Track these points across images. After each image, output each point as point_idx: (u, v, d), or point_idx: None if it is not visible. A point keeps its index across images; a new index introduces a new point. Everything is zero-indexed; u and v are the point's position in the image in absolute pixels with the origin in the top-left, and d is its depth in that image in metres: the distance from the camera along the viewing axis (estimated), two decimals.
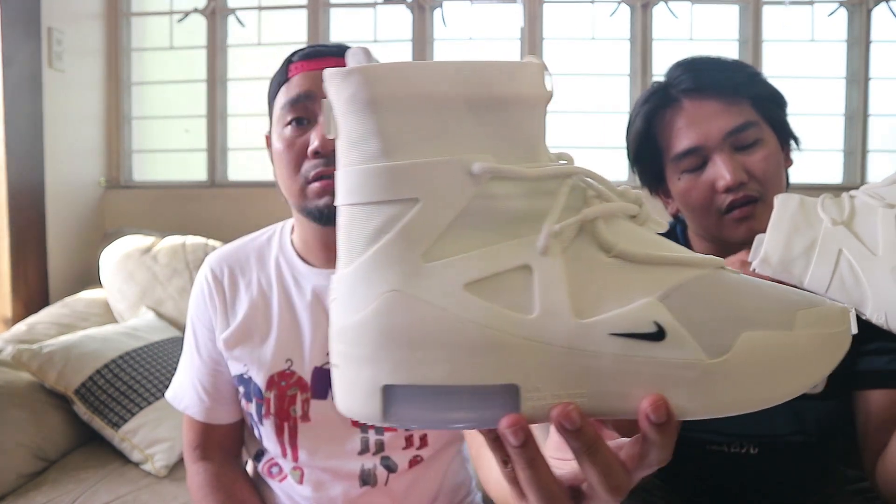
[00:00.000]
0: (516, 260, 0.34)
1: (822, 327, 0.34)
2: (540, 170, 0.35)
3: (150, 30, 2.37)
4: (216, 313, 0.87)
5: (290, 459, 0.86)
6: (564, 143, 2.24)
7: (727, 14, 2.23)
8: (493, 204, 0.34)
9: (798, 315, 0.34)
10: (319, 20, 2.25)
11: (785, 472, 0.88)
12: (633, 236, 0.36)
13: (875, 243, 0.58)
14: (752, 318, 0.34)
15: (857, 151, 2.17)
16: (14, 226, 1.83)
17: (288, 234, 0.89)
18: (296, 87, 0.78)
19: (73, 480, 1.29)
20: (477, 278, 0.33)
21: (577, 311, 0.33)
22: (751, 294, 0.35)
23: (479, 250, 0.33)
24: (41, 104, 1.94)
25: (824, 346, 0.34)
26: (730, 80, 0.81)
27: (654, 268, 0.35)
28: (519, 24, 2.20)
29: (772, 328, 0.34)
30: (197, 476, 0.89)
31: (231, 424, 0.91)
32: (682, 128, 0.81)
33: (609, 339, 0.33)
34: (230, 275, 0.87)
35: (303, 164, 0.77)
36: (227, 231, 2.06)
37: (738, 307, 0.34)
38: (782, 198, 0.63)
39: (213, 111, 2.30)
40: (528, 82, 0.35)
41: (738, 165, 0.78)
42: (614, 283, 0.34)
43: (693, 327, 0.33)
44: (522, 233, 0.34)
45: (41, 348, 1.41)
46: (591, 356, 0.33)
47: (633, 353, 0.33)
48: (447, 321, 0.33)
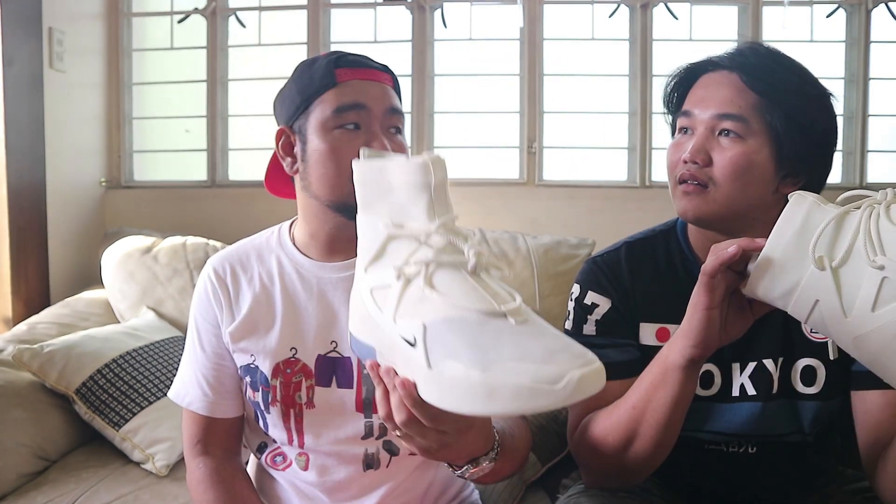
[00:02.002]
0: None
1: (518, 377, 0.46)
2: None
3: (150, 30, 2.37)
4: (221, 310, 0.91)
5: (296, 446, 0.90)
6: (564, 143, 2.25)
7: (727, 15, 2.23)
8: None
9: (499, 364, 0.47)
10: (319, 20, 2.25)
11: (783, 472, 0.88)
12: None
13: (851, 302, 0.58)
14: (457, 353, 0.49)
15: (856, 151, 2.17)
16: (15, 226, 1.83)
17: (286, 232, 0.93)
18: (351, 94, 0.82)
19: (73, 480, 1.30)
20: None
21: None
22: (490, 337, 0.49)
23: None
24: (42, 104, 1.94)
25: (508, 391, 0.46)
26: (759, 75, 0.80)
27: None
28: (519, 25, 2.20)
29: (466, 364, 0.47)
30: (197, 471, 0.91)
31: (232, 420, 0.94)
32: (695, 92, 0.86)
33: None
34: (232, 272, 0.91)
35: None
36: (228, 231, 2.06)
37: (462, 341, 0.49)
38: (790, 207, 0.63)
39: (214, 111, 2.30)
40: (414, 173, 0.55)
41: (703, 148, 0.81)
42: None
43: (433, 345, 0.50)
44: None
45: (42, 348, 1.41)
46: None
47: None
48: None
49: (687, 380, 0.74)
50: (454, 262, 0.53)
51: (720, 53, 0.86)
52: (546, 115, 2.23)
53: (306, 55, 2.24)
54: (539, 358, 0.46)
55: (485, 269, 0.54)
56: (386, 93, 0.84)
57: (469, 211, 2.18)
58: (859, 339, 0.59)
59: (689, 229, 0.91)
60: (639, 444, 0.78)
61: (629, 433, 0.78)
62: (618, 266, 0.90)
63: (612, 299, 0.88)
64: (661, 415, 0.75)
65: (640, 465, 0.80)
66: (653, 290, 0.88)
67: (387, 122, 0.84)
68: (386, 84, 0.85)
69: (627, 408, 0.78)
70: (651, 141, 2.18)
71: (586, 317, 0.89)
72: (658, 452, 0.79)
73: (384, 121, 0.83)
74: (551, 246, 1.78)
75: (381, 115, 0.83)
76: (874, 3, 2.13)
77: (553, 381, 0.44)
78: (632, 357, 0.87)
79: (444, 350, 0.49)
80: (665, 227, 0.94)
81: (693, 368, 0.73)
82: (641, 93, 2.18)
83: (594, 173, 2.25)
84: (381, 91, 0.84)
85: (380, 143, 0.81)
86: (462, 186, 2.23)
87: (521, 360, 0.46)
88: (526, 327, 0.49)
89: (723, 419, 0.86)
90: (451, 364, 0.48)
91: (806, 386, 0.85)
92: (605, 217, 2.14)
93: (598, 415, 0.83)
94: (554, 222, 2.14)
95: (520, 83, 2.23)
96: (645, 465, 0.81)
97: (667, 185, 0.88)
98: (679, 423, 0.77)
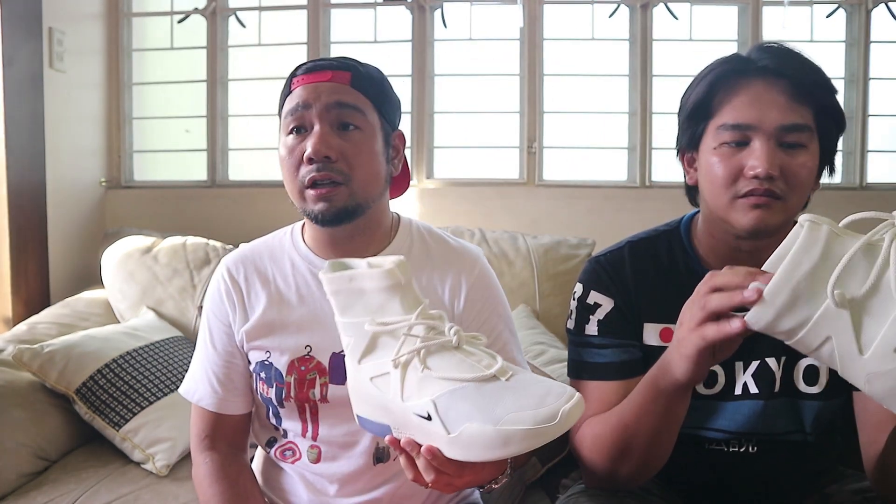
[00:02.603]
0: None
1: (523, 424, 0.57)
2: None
3: (150, 30, 2.37)
4: (234, 309, 0.92)
5: (309, 438, 0.91)
6: (564, 143, 2.25)
7: (726, 15, 2.23)
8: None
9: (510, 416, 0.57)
10: (319, 20, 2.25)
11: (784, 471, 0.88)
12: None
13: (871, 340, 0.55)
14: (471, 416, 0.59)
15: (856, 151, 2.17)
16: (15, 226, 1.83)
17: (299, 233, 0.95)
18: (295, 98, 0.85)
19: (73, 480, 1.30)
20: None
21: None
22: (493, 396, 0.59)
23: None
24: (42, 104, 1.94)
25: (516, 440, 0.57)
26: (806, 80, 0.80)
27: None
28: (519, 25, 2.20)
29: (480, 422, 0.58)
30: (203, 466, 0.92)
31: (240, 416, 0.95)
32: (743, 101, 0.81)
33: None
34: (245, 273, 0.93)
35: (300, 169, 0.83)
36: (228, 231, 2.07)
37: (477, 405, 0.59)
38: (807, 237, 0.57)
39: (214, 111, 2.30)
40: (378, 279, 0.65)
41: (776, 160, 0.78)
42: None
43: (448, 415, 0.60)
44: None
45: (42, 348, 1.41)
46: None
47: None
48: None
49: (680, 401, 0.75)
50: (441, 344, 0.63)
51: (748, 56, 0.83)
52: (546, 115, 2.23)
53: (306, 55, 2.24)
54: (534, 405, 0.58)
55: (465, 341, 0.64)
56: (331, 89, 0.84)
57: (469, 211, 2.18)
58: (874, 376, 0.56)
59: (693, 230, 0.91)
60: (631, 459, 0.79)
61: (621, 449, 0.79)
62: (621, 266, 0.90)
63: (614, 299, 0.88)
64: (652, 433, 0.76)
65: (633, 477, 0.82)
66: (656, 290, 0.88)
67: (331, 118, 0.83)
68: (339, 82, 0.84)
69: (618, 425, 0.79)
70: (651, 141, 2.18)
71: (588, 316, 0.89)
72: (652, 465, 0.80)
73: (327, 116, 0.83)
74: (551, 246, 1.78)
75: (322, 111, 0.82)
76: (874, 3, 2.13)
77: (550, 419, 0.56)
78: (633, 357, 0.87)
79: (458, 416, 0.60)
80: (668, 227, 0.94)
81: (685, 393, 0.74)
82: (641, 93, 2.18)
83: (594, 173, 2.26)
84: (326, 88, 0.84)
85: (314, 140, 0.81)
86: (462, 186, 2.23)
87: (521, 409, 0.58)
88: (514, 381, 0.61)
89: (725, 417, 0.86)
90: (467, 426, 0.59)
91: (808, 385, 0.86)
92: (605, 217, 2.14)
93: (594, 421, 0.84)
94: (554, 222, 2.14)
95: (520, 83, 2.23)
96: (639, 477, 0.82)
97: (667, 185, 0.88)
98: (673, 439, 0.78)
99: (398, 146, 0.92)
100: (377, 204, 0.88)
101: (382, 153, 0.87)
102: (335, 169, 0.82)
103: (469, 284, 0.91)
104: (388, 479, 0.91)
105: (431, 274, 0.91)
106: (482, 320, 0.90)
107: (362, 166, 0.84)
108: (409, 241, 0.93)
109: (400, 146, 0.93)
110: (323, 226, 0.85)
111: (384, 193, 0.90)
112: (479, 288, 0.91)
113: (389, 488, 0.91)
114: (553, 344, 1.53)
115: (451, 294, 0.90)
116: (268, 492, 0.98)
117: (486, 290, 0.92)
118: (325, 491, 0.92)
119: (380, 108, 0.87)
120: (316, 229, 0.90)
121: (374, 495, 0.91)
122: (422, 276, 0.90)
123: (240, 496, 0.90)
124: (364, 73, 0.87)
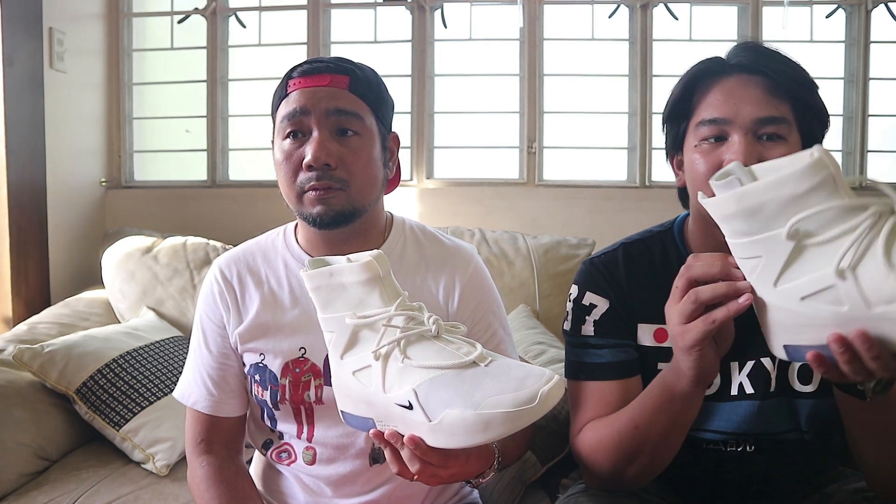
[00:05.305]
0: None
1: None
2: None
3: (150, 30, 2.38)
4: (228, 311, 0.92)
5: (304, 439, 0.91)
6: (564, 143, 2.25)
7: (726, 15, 2.24)
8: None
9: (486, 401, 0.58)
10: (319, 20, 2.26)
11: (782, 470, 0.88)
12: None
13: (790, 279, 0.59)
14: (451, 403, 0.60)
15: (855, 151, 2.17)
16: (15, 226, 1.84)
17: (292, 233, 0.94)
18: (293, 102, 0.84)
19: (74, 480, 1.30)
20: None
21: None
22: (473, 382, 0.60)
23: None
24: (42, 104, 1.94)
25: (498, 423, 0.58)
26: (782, 76, 0.80)
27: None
28: (519, 25, 2.20)
29: (461, 408, 0.59)
30: (200, 469, 0.91)
31: (235, 419, 0.95)
32: (719, 98, 0.81)
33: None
34: (239, 274, 0.92)
35: (298, 175, 0.83)
36: (228, 231, 2.07)
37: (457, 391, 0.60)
38: (815, 165, 0.55)
39: (214, 111, 2.30)
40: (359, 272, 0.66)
41: (754, 153, 0.78)
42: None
43: (428, 403, 0.60)
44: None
45: (42, 348, 1.41)
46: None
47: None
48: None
49: (694, 402, 0.76)
50: (420, 334, 0.64)
51: (725, 56, 0.84)
52: (546, 115, 2.23)
53: (306, 55, 2.24)
54: (513, 387, 0.58)
55: (444, 329, 0.65)
56: (330, 94, 0.83)
57: (469, 211, 2.18)
58: (768, 308, 0.61)
59: (686, 230, 0.91)
60: (639, 461, 0.80)
61: (630, 451, 0.80)
62: (615, 267, 0.91)
63: (609, 300, 0.89)
64: (664, 435, 0.77)
65: (639, 478, 0.83)
66: (650, 290, 0.88)
67: (330, 123, 0.82)
68: (337, 87, 0.84)
69: (630, 427, 0.79)
70: (651, 141, 2.18)
71: (584, 317, 0.89)
72: (658, 466, 0.81)
73: (326, 122, 0.82)
74: (551, 246, 1.78)
75: (321, 117, 0.82)
76: (874, 3, 2.13)
77: (529, 401, 0.57)
78: (630, 357, 0.87)
79: (438, 403, 0.60)
80: (662, 228, 0.94)
81: (701, 391, 0.75)
82: (641, 93, 2.19)
83: (594, 173, 2.26)
84: (325, 94, 0.83)
85: (314, 147, 0.81)
86: (462, 186, 2.23)
87: (500, 392, 0.58)
88: (493, 366, 0.61)
89: (721, 418, 0.86)
90: (448, 412, 0.59)
91: (803, 384, 0.86)
92: (604, 217, 2.14)
93: (599, 424, 0.84)
94: (554, 222, 2.14)
95: (520, 83, 2.23)
96: (644, 478, 0.83)
97: (667, 185, 0.88)
98: (681, 440, 0.79)
99: (393, 148, 0.92)
100: (373, 207, 0.88)
101: (380, 157, 0.87)
102: (334, 177, 0.81)
103: (463, 283, 0.91)
104: (386, 480, 0.91)
105: (426, 274, 0.91)
106: (477, 319, 0.90)
107: (361, 172, 0.83)
108: (402, 241, 0.93)
109: (395, 148, 0.93)
110: (320, 229, 0.85)
111: (380, 196, 0.90)
112: (473, 287, 0.91)
113: (387, 489, 0.91)
114: (553, 344, 1.54)
115: (445, 293, 0.90)
116: (266, 495, 0.98)
117: (480, 289, 0.92)
118: (322, 493, 0.92)
119: (377, 112, 0.87)
120: (310, 230, 0.89)
121: (371, 496, 0.91)
122: (416, 275, 0.90)
123: (237, 499, 0.89)
124: (362, 76, 0.86)
